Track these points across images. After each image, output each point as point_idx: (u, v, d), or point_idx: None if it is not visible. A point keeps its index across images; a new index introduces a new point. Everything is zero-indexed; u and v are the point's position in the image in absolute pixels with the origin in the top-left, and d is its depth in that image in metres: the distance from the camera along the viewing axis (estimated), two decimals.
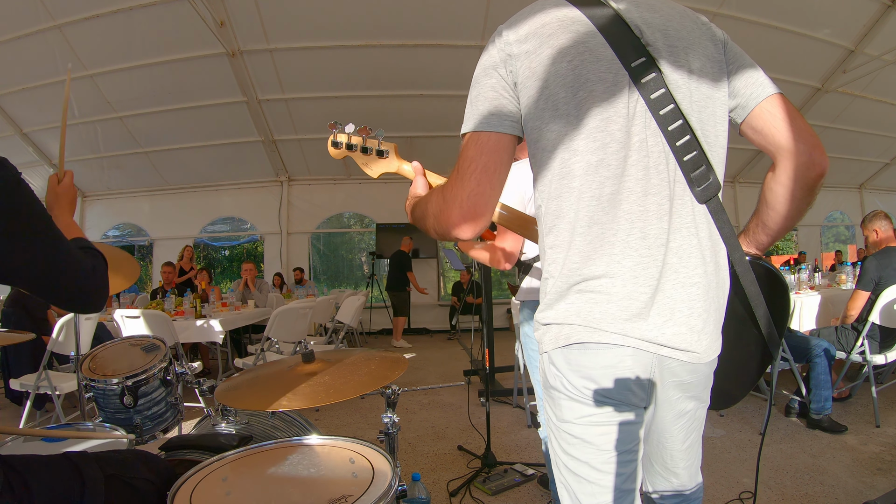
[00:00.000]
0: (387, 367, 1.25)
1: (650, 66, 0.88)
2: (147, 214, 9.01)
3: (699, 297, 0.89)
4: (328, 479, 1.06)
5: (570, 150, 0.89)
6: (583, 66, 0.88)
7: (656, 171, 0.88)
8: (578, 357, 0.89)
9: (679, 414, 0.98)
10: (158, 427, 1.87)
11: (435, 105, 7.36)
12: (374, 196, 8.88)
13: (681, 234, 0.89)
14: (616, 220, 0.88)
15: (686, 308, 0.88)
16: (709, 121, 0.93)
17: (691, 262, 0.89)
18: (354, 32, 6.15)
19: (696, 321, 0.89)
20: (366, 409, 3.98)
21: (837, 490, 2.39)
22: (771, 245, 1.06)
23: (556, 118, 0.90)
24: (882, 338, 3.33)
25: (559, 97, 0.89)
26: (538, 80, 0.90)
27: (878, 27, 6.36)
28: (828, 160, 0.93)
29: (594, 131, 0.88)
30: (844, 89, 7.30)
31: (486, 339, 3.30)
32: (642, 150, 0.88)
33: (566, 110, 0.89)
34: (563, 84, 0.88)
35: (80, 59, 6.17)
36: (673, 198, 0.88)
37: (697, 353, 0.89)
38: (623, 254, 0.87)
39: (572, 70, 0.88)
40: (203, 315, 4.34)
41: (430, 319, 8.83)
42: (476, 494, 2.46)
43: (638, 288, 0.87)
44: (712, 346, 0.92)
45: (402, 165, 1.33)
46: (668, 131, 0.88)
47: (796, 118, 0.95)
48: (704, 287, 0.89)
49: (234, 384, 1.29)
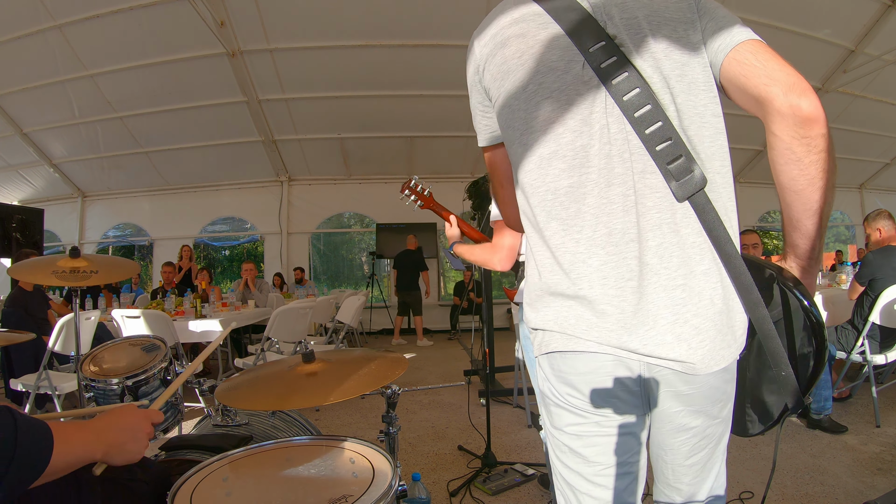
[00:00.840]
0: (387, 367, 1.25)
1: (611, 50, 0.80)
2: (147, 214, 9.02)
3: (686, 301, 0.79)
4: (328, 478, 1.06)
5: (523, 146, 0.86)
6: (533, 59, 0.84)
7: (620, 160, 0.80)
8: (560, 363, 0.86)
9: (679, 428, 0.88)
10: (158, 427, 1.86)
11: (435, 105, 7.35)
12: (375, 196, 8.88)
13: (660, 232, 0.79)
14: (580, 214, 0.81)
15: (670, 314, 0.79)
16: (687, 103, 0.81)
17: (672, 263, 0.79)
18: (354, 32, 6.15)
19: (685, 329, 0.79)
20: (366, 409, 3.98)
21: (837, 490, 2.38)
22: (814, 248, 0.84)
23: (513, 118, 0.87)
24: (882, 338, 3.33)
25: (512, 95, 0.86)
26: (498, 82, 0.88)
27: (879, 27, 6.36)
28: (813, 101, 0.75)
29: (546, 123, 0.83)
30: (845, 89, 7.29)
31: (486, 339, 3.31)
32: (604, 137, 0.80)
33: (518, 106, 0.86)
34: (514, 81, 0.86)
35: (81, 59, 6.17)
36: (640, 190, 0.79)
37: (692, 364, 0.79)
38: (588, 252, 0.81)
39: (522, 65, 0.85)
40: (203, 315, 4.34)
41: (431, 319, 8.83)
42: (476, 494, 2.46)
43: (608, 290, 0.79)
44: (714, 355, 0.81)
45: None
46: (633, 118, 0.79)
47: (769, 61, 0.78)
48: (693, 290, 0.79)
49: (235, 384, 1.29)
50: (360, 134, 7.94)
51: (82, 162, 8.10)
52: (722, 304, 0.81)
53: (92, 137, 7.54)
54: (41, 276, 2.06)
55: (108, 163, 8.21)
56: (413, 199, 2.21)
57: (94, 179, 8.61)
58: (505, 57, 0.86)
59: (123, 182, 8.66)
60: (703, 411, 0.87)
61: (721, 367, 0.83)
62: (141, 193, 8.91)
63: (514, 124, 0.88)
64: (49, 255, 2.40)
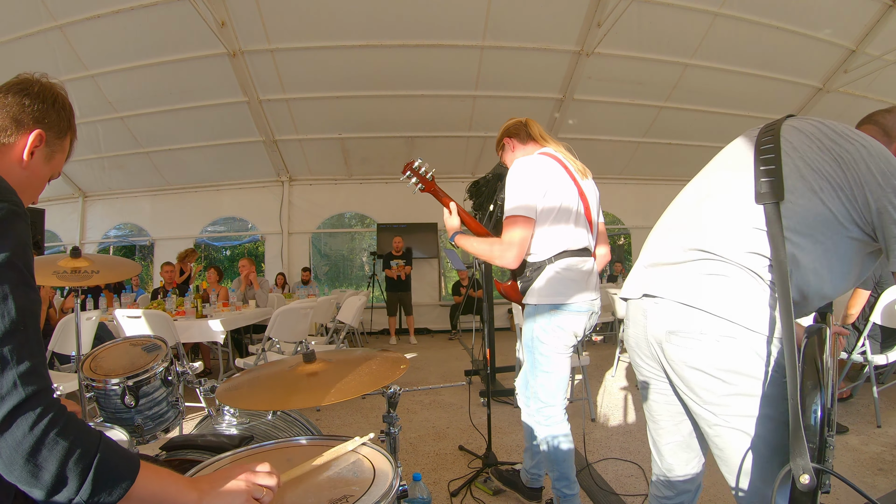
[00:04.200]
0: (388, 367, 1.25)
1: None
2: (148, 214, 9.03)
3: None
4: (329, 478, 1.06)
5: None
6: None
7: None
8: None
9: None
10: (159, 427, 1.86)
11: (435, 105, 7.35)
12: (376, 196, 8.89)
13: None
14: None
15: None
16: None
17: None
18: (355, 32, 6.15)
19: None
20: (367, 408, 3.98)
21: (838, 490, 2.38)
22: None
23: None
24: (883, 338, 3.32)
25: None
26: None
27: (880, 27, 6.35)
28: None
29: None
30: (846, 89, 7.28)
31: (487, 339, 3.30)
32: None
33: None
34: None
35: (82, 59, 6.18)
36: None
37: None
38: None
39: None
40: (204, 315, 4.35)
41: (432, 319, 8.84)
42: (477, 494, 2.46)
43: None
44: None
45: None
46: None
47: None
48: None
49: (235, 384, 1.29)
50: (361, 134, 7.95)
51: (83, 162, 8.11)
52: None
53: (93, 137, 7.55)
54: (42, 277, 2.05)
55: (109, 163, 8.22)
56: (414, 181, 2.09)
57: (95, 179, 8.62)
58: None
59: (124, 182, 8.67)
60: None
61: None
62: (142, 193, 8.92)
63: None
64: (50, 255, 2.40)
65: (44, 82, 1.01)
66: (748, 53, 6.62)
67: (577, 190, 1.94)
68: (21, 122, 0.94)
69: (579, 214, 1.93)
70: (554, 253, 1.89)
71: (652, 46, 6.53)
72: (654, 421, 1.41)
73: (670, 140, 8.31)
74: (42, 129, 0.97)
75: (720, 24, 6.18)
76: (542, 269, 1.90)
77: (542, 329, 1.92)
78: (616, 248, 10.40)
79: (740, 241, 1.12)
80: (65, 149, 1.05)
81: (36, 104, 0.96)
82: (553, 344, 1.91)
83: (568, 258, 1.89)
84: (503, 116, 2.36)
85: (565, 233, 1.90)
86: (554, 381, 1.96)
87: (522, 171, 1.90)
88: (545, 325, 1.91)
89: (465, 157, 8.42)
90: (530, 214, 1.85)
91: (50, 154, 1.00)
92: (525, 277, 1.95)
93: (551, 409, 1.98)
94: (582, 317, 1.92)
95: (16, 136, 0.94)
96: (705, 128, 7.97)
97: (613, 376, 4.87)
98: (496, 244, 1.88)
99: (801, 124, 1.16)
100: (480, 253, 1.94)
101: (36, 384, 0.71)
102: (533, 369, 1.99)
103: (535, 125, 2.13)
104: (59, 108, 1.01)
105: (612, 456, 2.90)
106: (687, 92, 7.27)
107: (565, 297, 1.88)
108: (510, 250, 1.83)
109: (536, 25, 6.16)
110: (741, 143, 1.25)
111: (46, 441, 0.69)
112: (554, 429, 1.99)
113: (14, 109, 0.94)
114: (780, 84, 7.20)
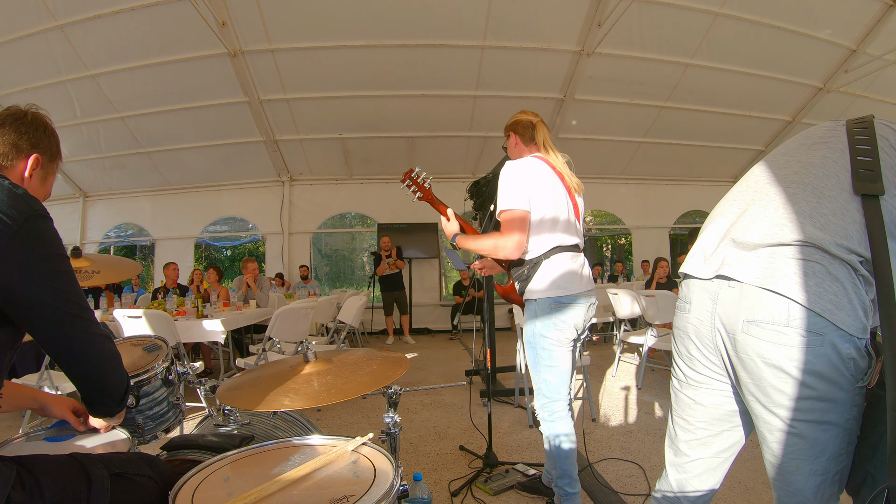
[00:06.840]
0: (388, 366, 1.25)
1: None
2: (149, 214, 9.03)
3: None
4: (330, 478, 1.06)
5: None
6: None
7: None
8: None
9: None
10: (160, 427, 1.86)
11: (435, 105, 7.36)
12: (376, 196, 8.89)
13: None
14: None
15: None
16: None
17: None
18: (355, 33, 6.16)
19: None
20: (367, 408, 3.98)
21: None
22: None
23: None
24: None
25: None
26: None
27: (880, 27, 6.35)
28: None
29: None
30: (846, 89, 7.29)
31: (487, 339, 3.30)
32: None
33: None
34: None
35: (82, 59, 6.19)
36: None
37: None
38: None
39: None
40: (205, 315, 4.35)
41: (432, 319, 8.84)
42: (478, 494, 2.46)
43: None
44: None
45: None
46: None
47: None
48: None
49: (236, 384, 1.29)
50: (362, 134, 7.95)
51: (84, 162, 8.12)
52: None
53: (93, 137, 7.56)
54: None
55: (110, 163, 8.23)
56: (413, 189, 2.20)
57: (96, 179, 8.62)
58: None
59: (125, 182, 8.68)
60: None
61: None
62: (142, 193, 8.93)
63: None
64: None
65: (34, 112, 1.14)
66: (748, 53, 6.62)
67: (566, 192, 2.02)
68: (20, 148, 1.07)
69: (570, 213, 2.01)
70: (548, 249, 1.96)
71: (653, 46, 6.53)
72: (686, 429, 1.28)
73: (671, 140, 8.30)
74: (38, 153, 1.10)
75: (721, 24, 6.18)
76: (538, 265, 1.97)
77: (542, 323, 1.98)
78: (617, 248, 10.39)
79: (837, 232, 1.02)
80: (55, 172, 1.19)
81: (31, 132, 1.09)
82: (554, 337, 1.97)
83: (561, 253, 1.97)
84: (504, 116, 2.37)
85: (557, 230, 1.97)
86: (557, 376, 2.00)
87: (514, 171, 1.97)
88: (546, 319, 1.97)
89: (465, 157, 8.42)
90: (524, 206, 1.91)
91: (44, 176, 1.14)
92: (522, 276, 2.01)
93: (555, 403, 2.03)
94: (580, 308, 1.98)
95: (15, 160, 1.07)
96: (706, 128, 7.97)
97: (614, 376, 4.87)
98: (496, 236, 1.93)
99: (892, 124, 1.13)
100: (482, 248, 1.99)
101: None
102: (535, 365, 2.04)
103: (543, 132, 2.18)
104: (50, 135, 1.15)
105: (613, 456, 2.90)
106: (687, 92, 7.27)
107: (563, 289, 1.95)
108: (511, 238, 1.88)
109: (537, 25, 6.16)
110: (831, 127, 1.19)
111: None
112: (557, 425, 2.04)
113: (12, 137, 1.06)
114: (781, 84, 7.20)
